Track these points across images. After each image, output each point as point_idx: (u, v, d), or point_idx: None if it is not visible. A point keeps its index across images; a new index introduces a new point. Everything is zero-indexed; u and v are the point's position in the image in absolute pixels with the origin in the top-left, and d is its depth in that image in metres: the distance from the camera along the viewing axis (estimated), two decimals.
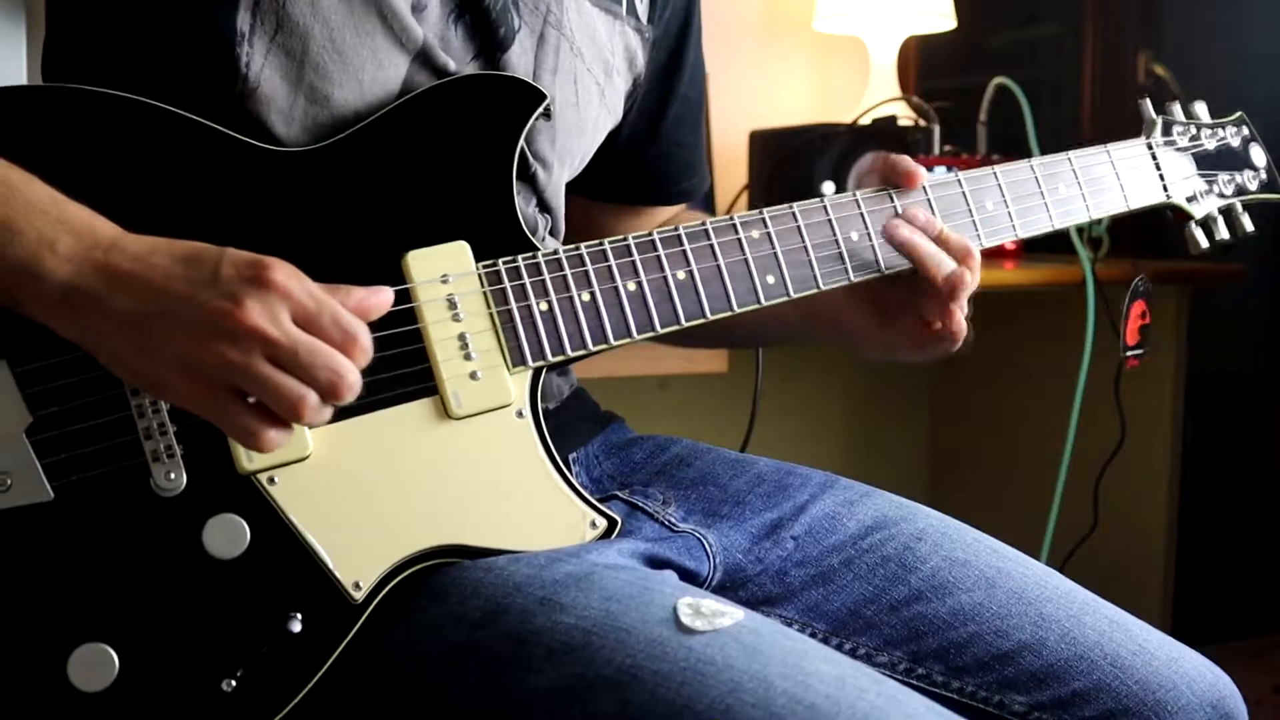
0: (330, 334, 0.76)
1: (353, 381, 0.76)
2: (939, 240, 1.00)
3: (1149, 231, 2.17)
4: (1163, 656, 0.96)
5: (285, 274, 0.76)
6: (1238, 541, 2.55)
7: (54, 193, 0.79)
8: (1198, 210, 1.15)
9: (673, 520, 1.00)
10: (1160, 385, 2.19)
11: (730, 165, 2.15)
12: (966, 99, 2.09)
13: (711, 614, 0.79)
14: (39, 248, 0.76)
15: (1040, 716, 0.95)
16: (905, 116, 2.05)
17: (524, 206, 0.93)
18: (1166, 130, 1.15)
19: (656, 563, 0.93)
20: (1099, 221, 1.98)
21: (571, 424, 1.07)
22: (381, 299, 0.81)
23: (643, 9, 1.09)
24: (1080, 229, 1.94)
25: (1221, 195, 1.16)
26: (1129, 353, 1.19)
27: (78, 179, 0.80)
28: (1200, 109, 1.18)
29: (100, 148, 0.85)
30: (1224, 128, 1.18)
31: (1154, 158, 1.14)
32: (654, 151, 1.16)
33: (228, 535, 0.83)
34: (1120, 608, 1.00)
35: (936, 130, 1.98)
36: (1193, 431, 2.28)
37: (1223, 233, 1.17)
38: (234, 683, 0.81)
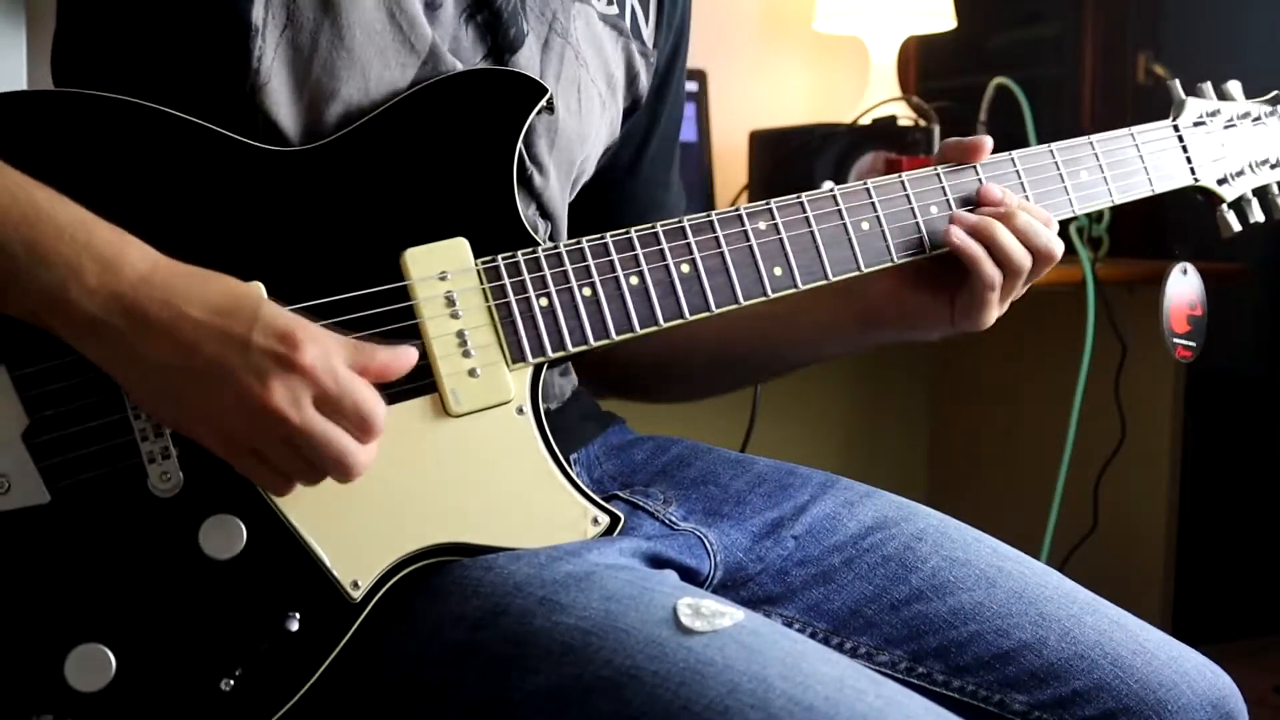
0: (350, 419, 0.79)
1: (361, 463, 0.80)
2: (1015, 228, 0.98)
3: (1149, 231, 2.17)
4: (1163, 656, 0.96)
5: (314, 355, 0.77)
6: (1238, 541, 2.55)
7: (83, 215, 0.79)
8: (1229, 193, 1.12)
9: (673, 519, 1.00)
10: (1160, 385, 2.19)
11: (730, 165, 2.15)
12: (966, 99, 2.09)
13: (711, 614, 0.79)
14: (66, 278, 0.77)
15: (1040, 716, 0.95)
16: (905, 116, 2.05)
17: (523, 210, 0.93)
18: (1196, 111, 1.12)
19: (657, 562, 0.93)
20: (1099, 220, 1.98)
21: (573, 425, 1.07)
22: (404, 361, 0.83)
23: (648, 34, 1.08)
24: (1080, 229, 1.94)
25: (1255, 176, 1.13)
26: (1176, 340, 1.16)
27: (83, 184, 0.80)
28: (1234, 89, 1.14)
29: (103, 152, 0.85)
30: (1257, 107, 1.15)
31: (1180, 140, 1.11)
32: (631, 184, 1.15)
33: (224, 535, 0.82)
34: (1120, 607, 1.00)
35: (936, 130, 1.98)
36: (1193, 431, 2.28)
37: (1257, 215, 1.13)
38: (232, 682, 0.81)
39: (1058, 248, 1.00)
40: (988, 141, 1.02)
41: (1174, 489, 2.23)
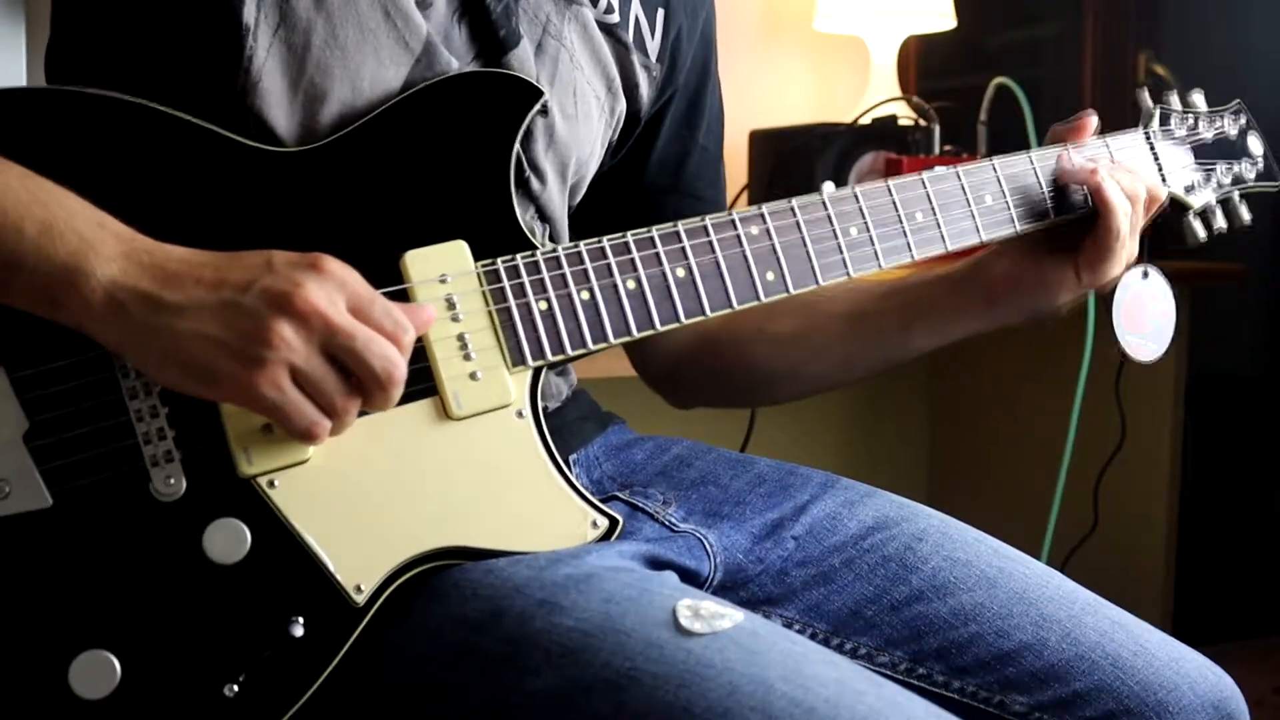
0: (383, 324, 0.78)
1: (403, 375, 0.79)
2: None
3: (1148, 231, 2.16)
4: (1164, 657, 0.96)
5: (338, 264, 0.78)
6: (1238, 541, 2.55)
7: (88, 203, 0.79)
8: (1195, 201, 1.13)
9: (673, 520, 1.00)
10: (1160, 385, 2.19)
11: (730, 165, 2.13)
12: (966, 99, 2.09)
13: (710, 616, 0.79)
14: (83, 248, 0.77)
15: (1041, 717, 0.95)
16: (905, 116, 2.05)
17: (522, 213, 0.93)
18: (1164, 120, 1.13)
19: (657, 563, 0.93)
20: None
21: (572, 425, 1.07)
22: (424, 315, 0.83)
23: (653, 47, 1.08)
24: None
25: (1219, 185, 1.14)
26: (1130, 336, 1.17)
27: (77, 183, 0.80)
28: (1198, 98, 1.16)
29: (99, 151, 0.85)
30: (1221, 116, 1.16)
31: (1152, 148, 1.12)
32: (674, 202, 1.15)
33: (228, 540, 0.82)
34: (1120, 608, 1.00)
35: (936, 130, 1.98)
36: (1193, 431, 2.28)
37: (1220, 223, 1.15)
38: (236, 688, 0.81)
39: (1153, 188, 1.05)
40: (1091, 120, 1.08)
41: (1174, 489, 2.23)
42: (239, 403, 0.79)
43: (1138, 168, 1.06)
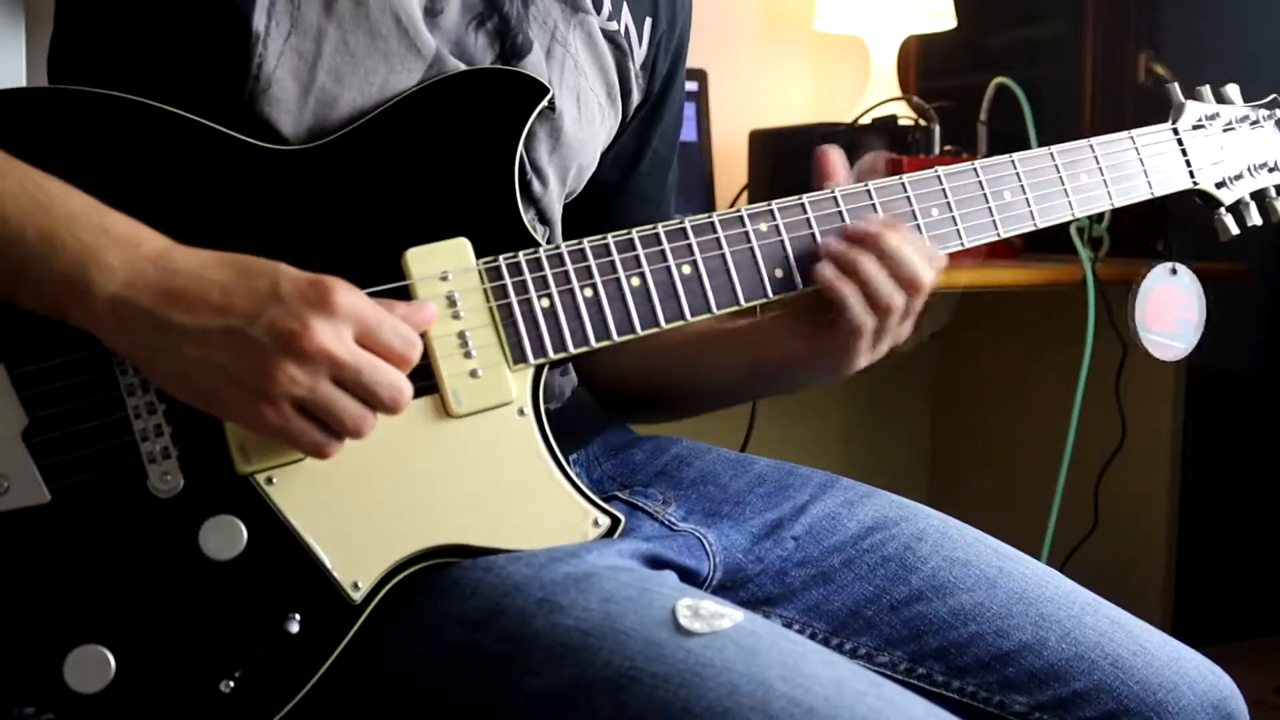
0: (393, 344, 0.79)
1: (408, 398, 0.79)
2: (886, 256, 0.93)
3: (1149, 231, 2.17)
4: (1164, 657, 0.96)
5: (346, 293, 0.77)
6: (1238, 541, 2.54)
7: (94, 201, 0.79)
8: (1228, 196, 1.12)
9: (672, 520, 1.00)
10: (1160, 385, 2.19)
11: (730, 165, 2.15)
12: (966, 99, 2.08)
13: (710, 616, 0.79)
14: (84, 260, 0.77)
15: (1041, 717, 0.95)
16: (905, 116, 2.05)
17: (523, 213, 0.93)
18: (1194, 115, 1.12)
19: (657, 563, 0.93)
20: (1099, 220, 1.98)
21: (573, 425, 1.07)
22: (424, 314, 0.83)
23: (640, 54, 1.09)
24: (1080, 229, 1.93)
25: (1253, 180, 1.14)
26: (1152, 336, 1.15)
27: (83, 182, 0.80)
28: (1233, 92, 1.15)
29: (104, 150, 0.85)
30: (1256, 111, 1.15)
31: (1180, 143, 1.11)
32: (621, 203, 1.14)
33: (225, 536, 0.82)
34: (1120, 608, 1.00)
35: (936, 130, 1.98)
36: (1193, 431, 2.28)
37: (1255, 218, 1.14)
38: (232, 684, 0.81)
39: (925, 277, 0.94)
40: (829, 157, 0.99)
41: (1174, 489, 2.23)
42: (244, 427, 0.80)
43: (920, 248, 0.95)
